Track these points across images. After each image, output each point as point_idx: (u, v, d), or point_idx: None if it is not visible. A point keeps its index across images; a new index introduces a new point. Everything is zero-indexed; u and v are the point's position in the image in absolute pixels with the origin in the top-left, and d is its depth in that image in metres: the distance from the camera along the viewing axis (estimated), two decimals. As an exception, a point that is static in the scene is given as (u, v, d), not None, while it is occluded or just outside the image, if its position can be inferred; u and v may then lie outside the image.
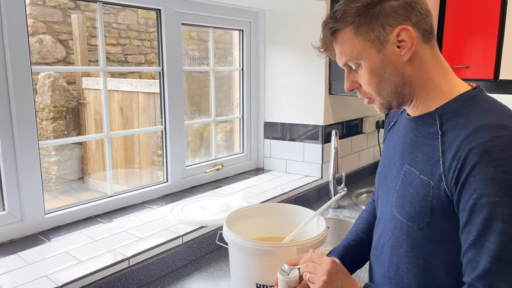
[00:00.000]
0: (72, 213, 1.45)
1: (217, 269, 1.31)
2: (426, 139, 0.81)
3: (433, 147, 0.78)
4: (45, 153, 3.54)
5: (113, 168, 3.36)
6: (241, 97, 2.17)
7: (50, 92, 3.54)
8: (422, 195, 0.78)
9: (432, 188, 0.77)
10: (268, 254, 1.01)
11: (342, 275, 0.88)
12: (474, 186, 0.70)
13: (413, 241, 0.82)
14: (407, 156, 0.85)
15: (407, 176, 0.83)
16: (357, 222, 1.14)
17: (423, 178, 0.79)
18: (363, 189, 2.16)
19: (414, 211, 0.80)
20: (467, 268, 0.73)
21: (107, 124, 1.57)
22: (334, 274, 0.87)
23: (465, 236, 0.73)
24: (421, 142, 0.82)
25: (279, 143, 2.15)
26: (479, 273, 0.70)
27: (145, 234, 1.33)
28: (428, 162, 0.78)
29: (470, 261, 0.72)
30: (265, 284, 1.04)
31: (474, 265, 0.71)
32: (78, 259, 1.16)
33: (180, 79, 1.78)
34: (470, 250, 0.72)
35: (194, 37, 3.49)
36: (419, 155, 0.82)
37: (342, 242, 1.09)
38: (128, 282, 1.17)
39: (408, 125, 0.88)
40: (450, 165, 0.73)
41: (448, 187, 0.74)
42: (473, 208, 0.70)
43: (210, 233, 1.42)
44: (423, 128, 0.82)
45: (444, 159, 0.75)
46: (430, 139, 0.79)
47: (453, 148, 0.74)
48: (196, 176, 1.91)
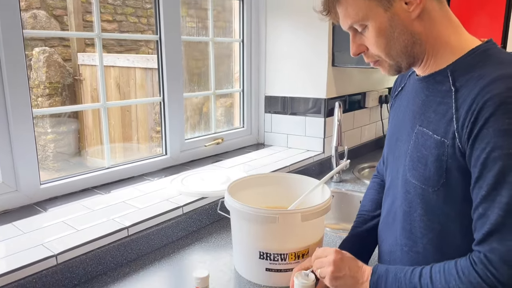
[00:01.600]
0: (69, 184, 1.41)
1: (218, 239, 1.28)
2: (439, 98, 0.77)
3: (446, 105, 0.74)
4: (42, 130, 3.48)
5: (111, 144, 3.32)
6: (241, 70, 2.11)
7: (45, 68, 3.46)
8: (436, 156, 0.75)
9: (447, 147, 0.73)
10: (272, 221, 0.97)
11: (348, 261, 0.86)
12: (487, 139, 0.67)
13: (427, 204, 0.78)
14: (418, 118, 0.81)
15: (419, 138, 0.79)
16: (362, 204, 1.13)
17: (437, 138, 0.75)
18: (365, 164, 2.13)
19: (429, 173, 0.76)
20: (477, 224, 0.70)
21: (103, 93, 1.52)
22: (340, 262, 0.85)
23: (476, 191, 0.70)
24: (433, 101, 0.78)
25: (280, 117, 2.10)
26: (490, 228, 0.68)
27: (144, 205, 1.30)
28: (441, 121, 0.75)
29: (480, 216, 0.69)
30: (268, 252, 1.01)
31: (484, 220, 0.69)
32: (75, 228, 1.12)
33: (178, 49, 1.71)
34: (481, 205, 0.69)
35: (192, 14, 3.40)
36: (431, 115, 0.78)
37: (350, 232, 1.08)
38: (127, 252, 1.14)
39: (418, 86, 0.84)
40: (464, 120, 0.70)
41: (462, 143, 0.71)
42: (485, 162, 0.68)
43: (211, 204, 1.39)
44: (435, 87, 0.78)
45: (457, 115, 0.72)
46: (443, 97, 0.76)
47: (467, 103, 0.70)
48: (196, 150, 1.87)
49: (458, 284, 0.70)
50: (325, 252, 0.89)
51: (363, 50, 0.82)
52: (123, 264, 1.13)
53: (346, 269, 0.85)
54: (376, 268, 0.83)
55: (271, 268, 1.02)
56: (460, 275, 0.70)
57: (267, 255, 1.01)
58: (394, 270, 0.80)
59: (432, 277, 0.73)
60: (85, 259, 1.04)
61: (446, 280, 0.71)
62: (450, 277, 0.71)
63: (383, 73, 0.84)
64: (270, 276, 1.03)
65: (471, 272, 0.69)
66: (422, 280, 0.74)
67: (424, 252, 0.81)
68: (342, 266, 0.85)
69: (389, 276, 0.79)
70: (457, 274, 0.71)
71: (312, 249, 1.04)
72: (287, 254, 1.01)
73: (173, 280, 1.06)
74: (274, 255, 1.01)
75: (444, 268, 0.73)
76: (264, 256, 1.02)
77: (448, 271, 0.72)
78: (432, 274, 0.74)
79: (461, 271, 0.71)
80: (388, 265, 0.83)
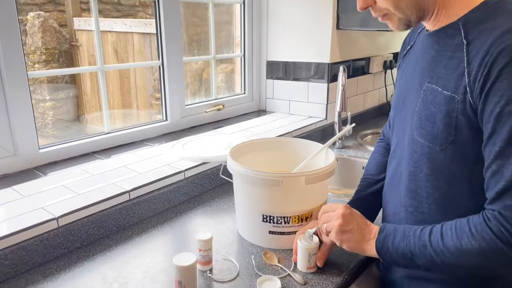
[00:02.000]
0: (68, 149, 1.39)
1: (220, 204, 1.28)
2: (449, 52, 0.74)
3: (458, 59, 0.71)
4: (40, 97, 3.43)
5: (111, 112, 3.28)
6: (243, 35, 2.04)
7: (40, 33, 3.37)
8: (445, 112, 0.72)
9: (457, 103, 0.70)
10: (276, 184, 0.96)
11: (357, 217, 0.86)
12: (500, 92, 0.64)
13: (434, 163, 0.76)
14: (427, 74, 0.78)
15: (428, 95, 0.76)
16: (367, 168, 1.11)
17: (446, 94, 0.72)
18: (368, 130, 2.10)
19: (437, 131, 0.74)
20: (490, 182, 0.68)
21: (100, 56, 1.47)
22: (349, 216, 0.84)
23: (490, 148, 0.68)
24: (443, 56, 0.75)
25: (282, 83, 2.05)
26: (505, 185, 0.65)
27: (145, 170, 1.28)
28: (451, 76, 0.72)
29: (494, 174, 0.67)
30: (272, 215, 1.00)
31: (499, 177, 0.66)
32: (76, 192, 1.11)
33: (177, 10, 1.65)
34: (494, 162, 0.67)
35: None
36: (441, 70, 0.75)
37: (355, 196, 1.06)
38: (129, 215, 1.13)
39: (428, 42, 0.80)
40: (477, 74, 0.67)
41: (473, 98, 0.68)
42: (499, 116, 0.65)
43: (212, 169, 1.37)
44: (446, 41, 0.75)
45: (469, 69, 0.69)
46: (454, 52, 0.72)
47: (479, 56, 0.67)
48: (197, 116, 1.84)
49: (470, 241, 0.69)
50: (333, 206, 0.88)
51: (371, 4, 0.78)
52: (125, 228, 1.12)
53: (354, 223, 0.84)
54: (384, 227, 0.82)
55: (274, 231, 1.01)
56: (472, 231, 0.69)
57: (270, 218, 1.00)
58: (403, 229, 0.79)
59: (443, 234, 0.72)
60: (87, 222, 1.04)
61: (458, 237, 0.70)
62: (463, 233, 0.70)
63: (392, 28, 0.81)
64: (273, 238, 1.02)
65: (484, 228, 0.68)
66: (432, 238, 0.73)
67: (430, 212, 0.80)
68: (351, 220, 0.84)
69: (397, 234, 0.78)
70: (470, 230, 0.69)
71: (315, 212, 1.03)
72: (291, 217, 1.00)
73: (175, 243, 1.05)
74: (277, 218, 1.00)
75: (455, 225, 0.72)
76: (268, 219, 1.01)
77: (460, 228, 0.71)
78: (443, 231, 0.73)
79: (474, 227, 0.69)
80: (396, 225, 0.82)
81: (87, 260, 0.97)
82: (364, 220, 0.86)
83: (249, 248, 1.03)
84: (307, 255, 0.91)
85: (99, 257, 0.99)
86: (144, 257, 0.99)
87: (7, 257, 0.89)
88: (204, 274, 0.92)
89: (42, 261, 0.96)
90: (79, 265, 0.96)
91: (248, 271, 0.93)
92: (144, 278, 0.90)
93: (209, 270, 0.93)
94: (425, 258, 0.74)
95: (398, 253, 0.77)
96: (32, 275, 0.91)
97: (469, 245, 0.69)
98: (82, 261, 0.97)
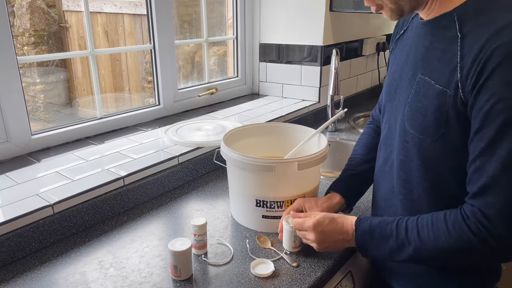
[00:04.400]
0: (61, 135, 1.38)
1: (214, 188, 1.29)
2: (443, 45, 0.73)
3: (451, 52, 0.71)
4: (30, 80, 3.39)
5: (103, 96, 3.25)
6: (235, 16, 2.02)
7: (28, 14, 3.30)
8: (437, 106, 0.73)
9: (449, 98, 0.71)
10: (269, 169, 0.97)
11: (329, 231, 0.87)
12: (492, 90, 0.64)
13: (425, 154, 0.78)
14: (420, 65, 0.78)
15: (421, 87, 0.76)
16: (355, 148, 1.11)
17: (439, 88, 0.72)
18: (361, 113, 2.11)
19: (428, 123, 0.75)
20: (473, 177, 0.69)
21: (90, 40, 1.45)
22: (321, 235, 0.87)
23: (475, 144, 0.68)
24: (437, 48, 0.74)
25: (275, 66, 2.05)
26: (487, 181, 0.67)
27: (139, 155, 1.29)
28: (444, 70, 0.71)
29: (477, 169, 0.68)
30: (265, 200, 1.02)
31: (481, 173, 0.67)
32: (70, 179, 1.12)
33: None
34: (479, 158, 0.68)
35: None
36: (434, 63, 0.74)
37: (342, 174, 1.07)
38: (124, 201, 1.14)
39: (421, 31, 0.79)
40: (469, 70, 0.67)
41: (464, 94, 0.68)
42: (488, 113, 0.65)
43: (206, 154, 1.38)
44: (440, 33, 0.74)
45: (462, 64, 0.68)
46: (448, 44, 0.72)
47: (473, 51, 0.66)
48: (189, 100, 1.83)
49: (447, 240, 0.71)
50: (304, 226, 0.89)
51: None
52: (120, 213, 1.14)
53: (329, 239, 0.87)
54: (358, 224, 0.84)
55: (268, 215, 1.03)
56: (450, 229, 0.71)
57: (264, 202, 1.02)
58: (378, 225, 0.81)
59: (420, 232, 0.74)
60: (82, 209, 1.05)
61: (435, 235, 0.72)
62: (439, 232, 0.72)
63: (385, 17, 0.80)
64: (267, 222, 1.04)
65: (462, 226, 0.69)
66: (409, 235, 0.75)
67: (419, 200, 0.81)
68: (323, 238, 0.87)
69: (374, 232, 0.81)
70: (447, 228, 0.71)
71: (308, 196, 1.05)
72: (283, 201, 1.02)
73: (170, 227, 1.07)
74: (270, 203, 1.02)
75: (432, 222, 0.73)
76: (261, 203, 1.02)
77: (436, 225, 0.72)
78: (419, 228, 0.74)
79: (452, 225, 0.71)
80: (371, 218, 0.84)
81: (84, 246, 0.99)
82: (335, 226, 0.86)
83: (243, 232, 1.05)
84: (292, 236, 0.94)
85: (95, 242, 1.00)
86: (140, 242, 1.00)
87: (4, 244, 0.90)
88: (199, 258, 0.94)
89: (39, 247, 0.97)
90: (75, 250, 0.97)
91: (242, 255, 0.96)
92: (140, 263, 0.92)
93: (204, 254, 0.95)
94: (404, 255, 0.77)
95: (378, 251, 0.81)
96: (29, 261, 0.93)
97: (446, 244, 0.71)
98: (78, 247, 0.98)
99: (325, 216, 0.87)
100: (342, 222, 0.86)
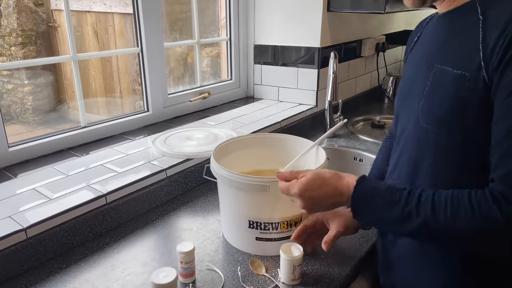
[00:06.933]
0: (41, 146, 1.29)
1: (205, 203, 1.21)
2: (463, 32, 0.69)
3: (473, 36, 0.67)
4: (18, 82, 3.28)
5: (92, 97, 3.15)
6: (228, 16, 1.92)
7: (15, 14, 3.19)
8: (454, 92, 0.67)
9: (469, 81, 0.65)
10: (262, 189, 0.88)
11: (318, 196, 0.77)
12: None
13: (439, 151, 0.71)
14: (437, 57, 0.73)
15: (438, 77, 0.71)
16: (372, 167, 1.07)
17: (457, 73, 0.68)
18: (360, 117, 2.03)
19: (445, 113, 0.69)
20: (500, 162, 0.61)
21: (71, 44, 1.36)
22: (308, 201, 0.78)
23: (500, 124, 0.61)
24: (455, 37, 0.71)
25: (270, 68, 1.96)
26: None
27: (124, 168, 1.20)
28: (463, 54, 0.67)
29: (505, 154, 0.60)
30: (259, 221, 0.94)
31: (508, 157, 0.60)
32: (47, 197, 1.03)
33: (156, -8, 1.53)
34: (506, 139, 0.60)
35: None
36: (452, 51, 0.71)
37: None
38: (106, 220, 1.06)
39: (439, 25, 0.77)
40: (495, 46, 0.62)
41: (489, 73, 0.63)
42: None
43: (197, 166, 1.29)
44: (460, 21, 0.71)
45: (485, 43, 0.64)
46: (468, 31, 0.68)
47: (498, 29, 0.63)
48: (180, 105, 1.74)
49: (468, 219, 0.61)
50: (290, 192, 0.79)
51: None
52: (102, 234, 1.05)
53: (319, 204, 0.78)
54: (360, 182, 0.73)
55: (262, 237, 0.95)
56: (474, 208, 0.61)
57: (257, 224, 0.94)
58: (386, 190, 0.70)
59: (435, 206, 0.64)
60: (59, 231, 0.96)
61: (453, 212, 0.62)
62: (459, 209, 0.62)
63: (407, 3, 0.77)
64: (261, 245, 0.96)
65: (491, 206, 0.60)
66: (420, 207, 0.65)
67: None
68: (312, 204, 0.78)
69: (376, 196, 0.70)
70: (471, 207, 0.61)
71: (305, 215, 0.97)
72: (279, 223, 0.94)
73: (156, 250, 0.99)
74: (264, 224, 0.94)
75: (452, 197, 0.64)
76: (254, 225, 0.94)
77: (457, 201, 0.63)
78: (435, 201, 0.64)
79: (477, 204, 0.61)
80: (379, 182, 0.74)
81: (60, 273, 0.90)
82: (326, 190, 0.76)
83: (235, 255, 0.97)
84: (291, 267, 0.86)
85: (73, 269, 0.92)
86: (122, 268, 0.92)
87: (-30, 274, 0.82)
88: (187, 287, 0.86)
89: (10, 275, 0.88)
90: (51, 279, 0.88)
91: (234, 283, 0.87)
92: (121, 294, 0.84)
93: (191, 283, 0.87)
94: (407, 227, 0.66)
95: (376, 217, 0.71)
96: (-1, 293, 0.84)
97: (465, 223, 0.61)
98: (54, 274, 0.90)
99: (315, 178, 0.77)
100: (335, 184, 0.75)
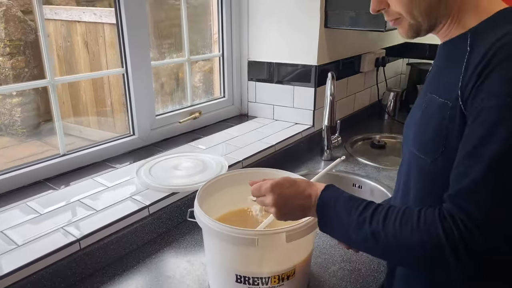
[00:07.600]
0: (15, 178, 1.19)
1: (191, 243, 1.11)
2: (452, 62, 0.70)
3: (458, 65, 0.67)
4: (6, 93, 3.18)
5: (83, 109, 3.05)
6: (221, 31, 1.83)
7: (3, 23, 3.09)
8: (437, 120, 0.69)
9: (450, 110, 0.66)
10: (251, 243, 0.79)
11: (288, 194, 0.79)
12: (488, 89, 0.60)
13: (425, 176, 0.73)
14: (431, 85, 0.76)
15: (429, 105, 0.73)
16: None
17: (441, 101, 0.69)
18: (359, 136, 1.94)
19: (428, 139, 0.71)
20: (453, 183, 0.63)
21: (49, 68, 1.27)
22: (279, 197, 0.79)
23: (461, 148, 0.63)
24: (446, 67, 0.72)
25: (265, 86, 1.86)
26: (467, 185, 0.60)
27: (103, 205, 1.10)
28: (448, 83, 0.68)
29: (459, 175, 0.62)
30: (247, 276, 0.84)
31: (462, 178, 0.61)
32: (15, 243, 0.93)
33: (142, 4, 1.44)
34: (462, 162, 0.62)
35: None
36: (442, 79, 0.72)
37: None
38: (80, 268, 0.96)
39: (439, 54, 0.78)
40: (471, 75, 0.62)
41: (463, 102, 0.63)
42: (479, 113, 0.60)
43: (182, 200, 1.20)
44: (452, 51, 0.72)
45: (465, 73, 0.64)
46: (456, 61, 0.68)
47: (477, 58, 0.62)
48: (169, 127, 1.65)
49: (413, 232, 0.63)
50: (261, 189, 0.81)
51: (384, 6, 0.74)
52: (75, 284, 0.95)
53: (288, 204, 0.79)
54: (326, 189, 0.78)
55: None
56: (420, 222, 0.63)
57: (246, 279, 0.84)
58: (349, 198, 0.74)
59: (387, 216, 0.67)
60: (26, 284, 0.86)
61: (401, 224, 0.65)
62: (407, 222, 0.65)
63: (401, 34, 0.76)
64: (250, 301, 0.86)
65: (435, 223, 0.62)
66: (374, 216, 0.68)
67: None
68: (283, 202, 0.79)
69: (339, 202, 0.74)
70: (418, 221, 0.64)
71: (299, 268, 0.87)
72: (269, 277, 0.84)
73: (134, 304, 0.89)
74: (253, 279, 0.84)
75: (404, 211, 0.67)
76: (242, 280, 0.84)
77: (407, 215, 0.66)
78: (388, 213, 0.68)
79: (424, 219, 0.64)
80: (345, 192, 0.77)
81: (24, 336, 0.81)
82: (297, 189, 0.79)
83: (221, 311, 0.87)
84: None
85: (38, 330, 0.82)
86: (93, 329, 0.82)
87: None
88: None
89: None
90: None
91: None
92: None
93: None
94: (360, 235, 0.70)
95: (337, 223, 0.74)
96: None
97: (409, 235, 0.64)
98: (17, 337, 0.80)
99: (286, 179, 0.81)
100: (304, 187, 0.79)
